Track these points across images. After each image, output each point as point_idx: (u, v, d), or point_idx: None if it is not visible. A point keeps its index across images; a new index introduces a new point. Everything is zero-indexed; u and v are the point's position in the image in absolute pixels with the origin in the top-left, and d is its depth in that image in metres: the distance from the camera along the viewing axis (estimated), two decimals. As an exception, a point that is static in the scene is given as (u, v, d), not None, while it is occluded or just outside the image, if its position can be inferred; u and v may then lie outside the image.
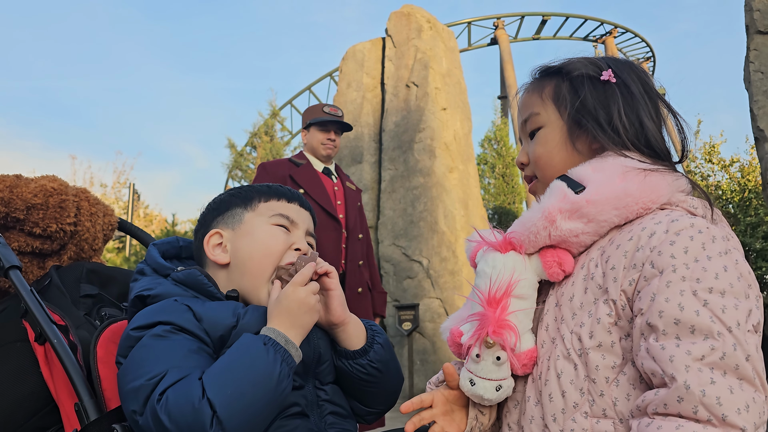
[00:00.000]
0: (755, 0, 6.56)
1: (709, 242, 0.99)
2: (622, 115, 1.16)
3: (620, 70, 1.21)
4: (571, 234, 1.09)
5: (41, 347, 1.29)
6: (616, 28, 33.04)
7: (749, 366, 0.89)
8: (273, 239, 1.31)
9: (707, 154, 19.82)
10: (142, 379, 1.05)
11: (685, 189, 1.13)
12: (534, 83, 1.28)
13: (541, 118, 1.23)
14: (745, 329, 0.92)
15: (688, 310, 0.92)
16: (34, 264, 1.61)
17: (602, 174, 1.10)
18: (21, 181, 1.58)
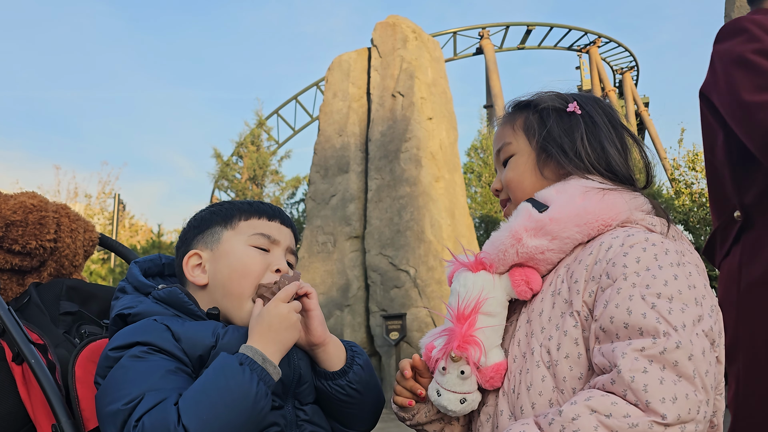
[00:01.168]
0: (734, 11, 6.66)
1: (662, 254, 1.05)
2: (584, 142, 1.25)
3: (585, 104, 1.31)
4: (537, 251, 1.14)
5: (19, 367, 1.28)
6: (600, 38, 33.44)
7: (690, 365, 0.92)
8: (250, 260, 1.29)
9: (691, 162, 20.03)
10: (119, 403, 1.04)
11: (644, 207, 1.19)
12: (507, 117, 1.38)
13: (512, 147, 1.32)
14: (692, 331, 0.96)
15: (635, 314, 0.97)
16: (13, 281, 1.59)
17: (564, 195, 1.17)
18: (0, 198, 1.56)
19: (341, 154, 14.21)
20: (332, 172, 14.16)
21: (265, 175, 22.45)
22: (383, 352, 12.22)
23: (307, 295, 1.25)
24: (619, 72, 34.55)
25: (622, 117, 1.35)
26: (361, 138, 14.37)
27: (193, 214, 1.44)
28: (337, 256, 13.38)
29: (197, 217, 1.40)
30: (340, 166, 14.15)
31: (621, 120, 1.33)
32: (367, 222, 13.38)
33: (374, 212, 13.31)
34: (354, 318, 12.77)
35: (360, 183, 13.98)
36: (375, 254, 12.88)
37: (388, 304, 12.38)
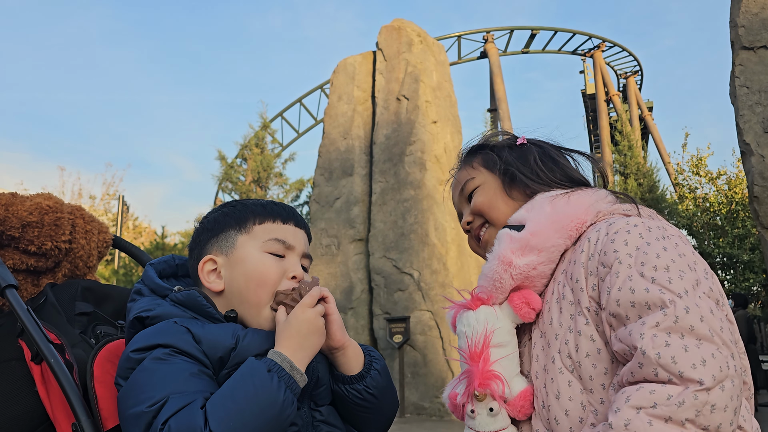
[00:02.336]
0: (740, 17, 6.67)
1: (646, 231, 1.10)
2: (538, 163, 1.36)
3: (531, 139, 1.44)
4: (529, 268, 1.19)
5: (38, 366, 1.29)
6: (604, 42, 33.41)
7: (705, 326, 0.95)
8: (266, 269, 1.28)
9: (695, 167, 20.02)
10: (143, 405, 1.05)
11: (608, 198, 1.28)
12: (462, 163, 1.48)
13: (476, 181, 1.40)
14: (695, 294, 0.99)
15: (639, 291, 1.01)
16: (28, 282, 1.61)
17: (534, 210, 1.25)
18: (16, 199, 1.58)
19: (346, 157, 14.22)
20: (336, 175, 14.16)
21: (269, 177, 22.47)
22: (387, 354, 12.21)
23: (325, 299, 1.25)
24: (623, 76, 34.50)
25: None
26: (365, 141, 14.38)
27: (205, 214, 1.43)
28: (341, 259, 13.39)
29: (210, 219, 1.38)
30: (345, 168, 14.16)
31: (560, 148, 1.44)
32: (371, 225, 13.38)
33: (378, 215, 13.31)
34: (358, 321, 12.77)
35: (364, 186, 13.99)
36: (379, 257, 12.88)
37: (392, 307, 12.37)
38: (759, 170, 6.23)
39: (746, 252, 17.63)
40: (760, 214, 6.16)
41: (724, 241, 18.14)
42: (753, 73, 6.63)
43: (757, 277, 17.77)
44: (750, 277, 17.82)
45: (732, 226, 18.34)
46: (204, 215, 1.43)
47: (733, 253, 17.64)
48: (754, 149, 6.36)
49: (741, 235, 18.02)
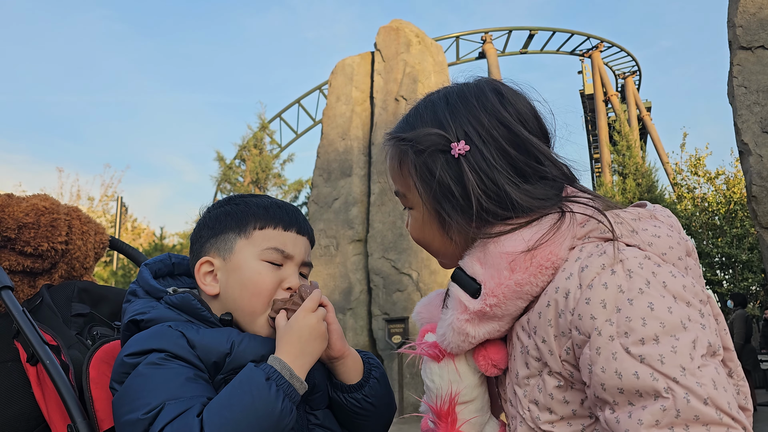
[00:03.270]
0: (737, 17, 6.68)
1: (626, 281, 0.91)
2: (478, 193, 1.03)
3: (470, 129, 1.06)
4: (492, 333, 1.04)
5: (33, 368, 1.29)
6: (603, 43, 33.45)
7: (711, 409, 0.83)
8: (261, 278, 1.25)
9: (693, 167, 20.03)
10: (138, 412, 1.04)
11: (581, 219, 1.02)
12: (393, 150, 1.15)
13: (408, 201, 1.15)
14: (693, 368, 0.85)
15: (626, 375, 0.86)
16: (25, 283, 1.60)
17: (491, 269, 1.01)
18: (12, 201, 1.57)
19: (344, 158, 14.22)
20: (335, 176, 14.17)
21: (268, 178, 22.47)
22: (385, 355, 12.21)
23: (325, 307, 1.23)
24: (621, 76, 34.52)
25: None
26: (364, 142, 14.39)
27: (209, 206, 1.40)
28: (340, 260, 13.39)
29: (212, 216, 1.35)
30: (343, 169, 14.16)
31: (521, 127, 1.08)
32: (370, 225, 13.38)
33: (377, 216, 13.31)
34: (356, 321, 12.77)
35: (363, 186, 13.99)
36: (378, 258, 12.88)
37: (391, 308, 12.37)
38: (757, 170, 6.24)
39: (745, 252, 17.64)
40: (758, 213, 6.17)
41: (722, 240, 18.15)
42: (751, 73, 6.64)
43: (756, 276, 17.77)
44: (749, 277, 17.82)
45: (730, 226, 18.35)
46: (208, 207, 1.40)
47: (731, 253, 17.65)
48: (752, 149, 6.37)
49: (740, 235, 18.03)
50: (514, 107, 1.09)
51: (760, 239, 6.20)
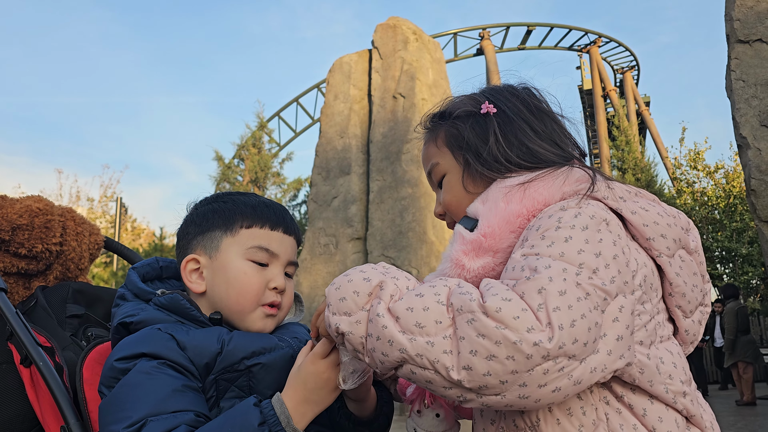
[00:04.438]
0: (735, 10, 6.67)
1: (568, 217, 0.98)
2: (500, 141, 1.17)
3: (499, 99, 1.23)
4: (486, 270, 1.06)
5: (27, 370, 1.29)
6: (601, 38, 33.42)
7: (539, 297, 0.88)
8: (247, 279, 1.25)
9: (692, 161, 20.03)
10: (120, 424, 1.03)
11: (578, 177, 1.09)
12: (428, 134, 1.31)
13: (441, 167, 1.25)
14: (552, 290, 0.89)
15: (508, 268, 0.97)
16: (19, 284, 1.60)
17: (489, 203, 1.10)
18: (6, 202, 1.57)
19: (343, 156, 14.22)
20: (334, 174, 14.16)
21: (267, 177, 22.47)
22: (386, 353, 12.24)
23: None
24: (619, 72, 34.51)
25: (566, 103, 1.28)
26: (362, 139, 14.38)
27: (196, 202, 1.39)
28: (340, 258, 13.39)
29: (199, 213, 1.34)
30: (342, 167, 14.15)
31: (541, 104, 1.25)
32: (369, 223, 13.38)
33: (376, 213, 13.31)
34: (357, 319, 12.78)
35: (362, 184, 13.99)
36: (377, 255, 12.88)
37: (391, 306, 12.39)
38: (756, 163, 6.23)
39: (745, 245, 17.65)
40: (757, 207, 6.16)
41: (722, 234, 18.16)
42: (749, 67, 6.63)
43: (756, 270, 17.78)
44: (749, 271, 17.84)
45: (730, 220, 18.35)
46: (195, 204, 1.39)
47: (731, 247, 17.66)
48: (751, 143, 6.36)
49: (739, 229, 18.04)
50: (535, 94, 1.26)
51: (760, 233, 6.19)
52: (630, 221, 1.04)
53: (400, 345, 0.89)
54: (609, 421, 0.97)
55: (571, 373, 0.86)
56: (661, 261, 1.05)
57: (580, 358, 0.86)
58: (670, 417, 1.00)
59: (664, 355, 1.03)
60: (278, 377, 1.20)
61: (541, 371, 0.84)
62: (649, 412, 0.99)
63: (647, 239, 1.05)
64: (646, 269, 1.03)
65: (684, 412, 1.02)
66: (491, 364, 0.84)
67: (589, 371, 0.88)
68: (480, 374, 0.85)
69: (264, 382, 1.19)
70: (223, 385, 1.16)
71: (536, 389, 0.86)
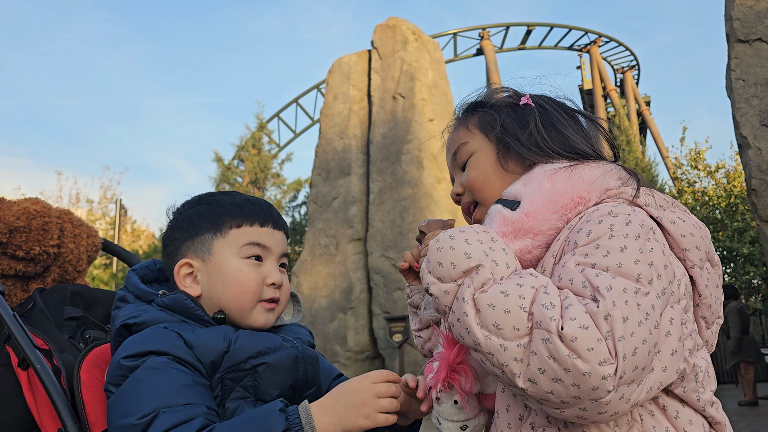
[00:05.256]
0: (735, 9, 6.67)
1: (619, 225, 0.98)
2: (540, 128, 1.20)
3: (536, 97, 1.27)
4: (524, 253, 1.06)
5: (24, 372, 1.28)
6: (601, 38, 33.41)
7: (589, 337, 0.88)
8: (245, 276, 1.25)
9: (693, 161, 20.02)
10: (131, 417, 1.02)
11: (618, 174, 1.11)
12: (458, 121, 1.32)
13: (470, 146, 1.25)
14: (620, 302, 0.89)
15: (564, 280, 0.96)
16: (17, 287, 1.60)
17: (532, 184, 1.10)
18: (3, 205, 1.57)
19: (342, 157, 14.22)
20: (334, 175, 14.16)
21: (267, 178, 22.48)
22: (386, 354, 12.22)
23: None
24: (620, 71, 34.50)
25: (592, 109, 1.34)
26: (362, 140, 14.38)
27: (178, 205, 1.38)
28: (340, 259, 13.39)
29: (185, 217, 1.33)
30: (342, 168, 14.15)
31: (574, 108, 1.29)
32: (369, 224, 13.38)
33: (376, 214, 13.31)
34: (357, 320, 12.77)
35: (362, 185, 13.98)
36: (377, 256, 12.88)
37: (391, 306, 12.37)
38: (756, 163, 6.22)
39: (746, 245, 17.64)
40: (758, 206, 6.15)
41: (723, 234, 18.15)
42: (749, 66, 6.62)
43: (758, 270, 17.78)
44: (750, 270, 17.83)
45: (731, 220, 18.34)
46: (177, 208, 1.38)
47: (732, 247, 17.65)
48: (751, 142, 6.35)
49: (740, 229, 18.03)
50: (568, 99, 1.30)
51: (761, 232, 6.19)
52: (669, 231, 1.05)
53: (475, 337, 0.91)
54: (643, 422, 0.98)
55: (630, 397, 0.88)
56: (693, 272, 1.06)
57: (638, 381, 0.88)
58: (698, 421, 1.01)
59: (701, 364, 1.04)
60: (283, 377, 1.21)
61: (605, 402, 0.86)
62: (681, 415, 1.00)
63: (683, 249, 1.05)
64: (685, 278, 1.04)
65: (710, 419, 1.04)
66: (556, 385, 0.86)
67: (646, 391, 0.91)
68: (543, 391, 0.87)
69: (269, 382, 1.19)
70: (228, 384, 1.16)
71: (595, 414, 0.88)
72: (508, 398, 1.05)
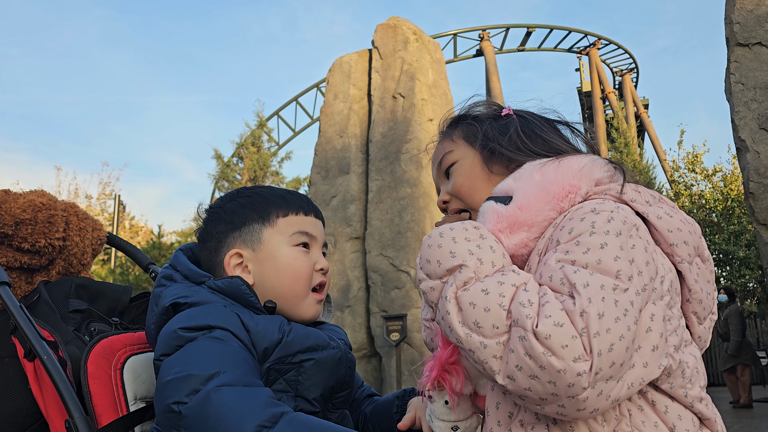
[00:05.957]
0: (735, 13, 6.68)
1: (601, 222, 0.98)
2: (520, 134, 1.23)
3: (518, 109, 1.32)
4: (520, 247, 1.07)
5: (30, 363, 1.28)
6: (600, 40, 33.45)
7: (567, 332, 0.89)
8: (299, 263, 1.29)
9: (690, 164, 20.06)
10: (193, 370, 1.01)
11: (606, 167, 1.13)
12: (442, 134, 1.36)
13: (454, 155, 1.28)
14: (596, 299, 0.90)
15: (544, 277, 0.97)
16: (22, 279, 1.60)
17: (522, 179, 1.12)
18: (9, 197, 1.57)
19: (342, 155, 14.22)
20: (333, 173, 14.16)
21: (266, 176, 22.45)
22: (384, 353, 12.22)
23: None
24: (618, 74, 34.54)
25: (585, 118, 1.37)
26: (361, 139, 14.38)
27: (214, 202, 1.39)
28: (338, 257, 13.39)
29: (227, 210, 1.34)
30: (341, 167, 14.15)
31: (555, 118, 1.32)
32: (368, 223, 13.38)
33: (375, 213, 13.31)
34: (354, 319, 12.77)
35: (361, 184, 13.99)
36: (376, 255, 12.88)
37: (389, 305, 12.38)
38: (754, 166, 6.24)
39: (742, 248, 17.67)
40: (755, 210, 6.17)
41: (720, 237, 18.17)
42: (748, 70, 6.64)
43: (753, 273, 17.80)
44: (746, 274, 17.86)
45: (728, 223, 18.37)
46: (214, 204, 1.39)
47: (729, 250, 17.68)
48: (750, 146, 6.37)
49: (737, 232, 18.06)
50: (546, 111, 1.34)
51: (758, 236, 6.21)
52: (656, 226, 1.05)
53: (456, 335, 0.93)
54: (632, 417, 0.98)
55: (609, 394, 0.89)
56: (682, 267, 1.06)
57: (617, 378, 0.88)
58: (688, 416, 1.02)
59: (688, 360, 1.04)
60: (327, 377, 1.22)
61: (581, 399, 0.87)
62: (670, 410, 1.01)
63: (671, 245, 1.05)
64: (671, 274, 1.04)
65: (699, 415, 1.04)
66: (533, 383, 0.87)
67: (627, 387, 0.91)
68: (521, 387, 0.88)
69: (312, 379, 1.19)
70: (273, 375, 1.16)
71: (574, 411, 0.89)
72: (497, 396, 1.06)
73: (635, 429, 0.97)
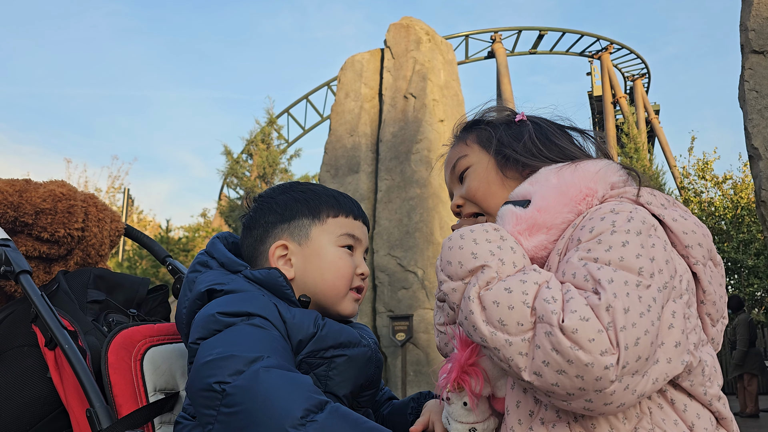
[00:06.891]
0: (750, 20, 6.64)
1: (621, 221, 1.00)
2: (534, 141, 1.25)
3: (531, 115, 1.33)
4: (539, 249, 1.09)
5: (51, 352, 1.29)
6: (612, 45, 33.28)
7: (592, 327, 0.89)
8: (343, 263, 1.31)
9: (700, 171, 19.94)
10: (237, 351, 1.01)
11: (620, 172, 1.16)
12: (456, 139, 1.38)
13: (468, 159, 1.30)
14: (622, 294, 0.91)
15: (567, 275, 0.98)
16: (40, 269, 1.61)
17: (539, 183, 1.14)
18: (30, 186, 1.58)
19: (352, 154, 14.22)
20: (342, 172, 14.17)
21: (275, 173, 22.48)
22: (389, 352, 12.22)
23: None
24: (630, 79, 34.35)
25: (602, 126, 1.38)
26: (372, 138, 14.38)
27: (263, 192, 1.42)
28: (345, 256, 13.40)
29: (279, 202, 1.36)
30: (351, 166, 14.16)
31: (568, 124, 1.34)
32: (376, 222, 13.38)
33: (384, 213, 13.31)
34: (361, 318, 12.77)
35: (370, 183, 13.99)
36: (383, 255, 12.88)
37: (396, 305, 12.37)
38: (767, 174, 6.20)
39: (751, 257, 17.55)
40: (767, 218, 6.13)
41: (728, 246, 18.06)
42: (763, 77, 6.59)
43: (762, 282, 17.69)
44: (754, 283, 17.75)
45: (737, 231, 18.26)
46: (265, 194, 1.41)
47: (738, 258, 17.57)
48: (762, 153, 6.33)
49: (746, 240, 17.94)
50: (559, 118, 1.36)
51: (769, 244, 6.16)
52: (671, 228, 1.07)
53: (481, 334, 0.94)
54: (652, 415, 0.99)
55: (635, 388, 0.90)
56: (696, 269, 1.08)
57: (642, 372, 0.90)
58: (706, 415, 1.03)
59: (707, 359, 1.06)
60: (356, 374, 1.23)
61: (609, 392, 0.87)
62: (689, 408, 1.02)
63: (686, 246, 1.07)
64: (687, 274, 1.06)
65: (717, 414, 1.05)
66: (560, 377, 0.88)
67: (651, 383, 0.92)
68: (549, 383, 0.89)
69: (342, 375, 1.20)
70: (304, 368, 1.17)
71: (601, 405, 0.90)
72: (518, 395, 1.06)
73: (656, 426, 0.98)
